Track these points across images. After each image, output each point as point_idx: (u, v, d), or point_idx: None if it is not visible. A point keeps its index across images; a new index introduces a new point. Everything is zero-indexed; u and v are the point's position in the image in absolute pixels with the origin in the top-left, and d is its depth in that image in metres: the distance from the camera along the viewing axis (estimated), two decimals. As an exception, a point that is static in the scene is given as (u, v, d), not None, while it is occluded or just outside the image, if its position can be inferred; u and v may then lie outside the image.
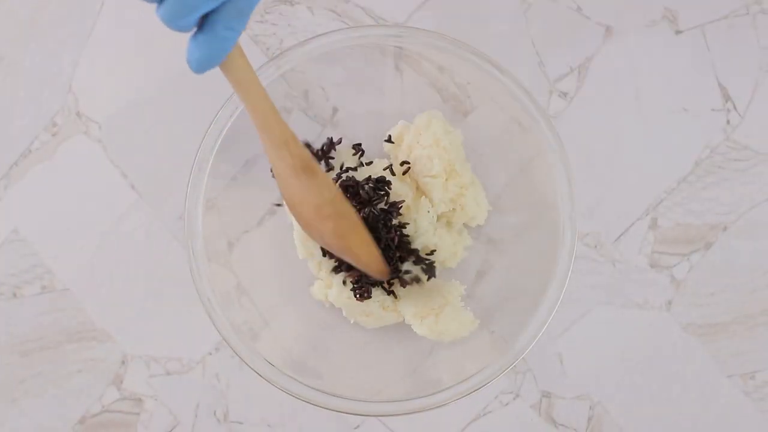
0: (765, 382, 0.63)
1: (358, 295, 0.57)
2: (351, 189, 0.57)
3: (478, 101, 0.60)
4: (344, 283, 0.57)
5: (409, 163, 0.58)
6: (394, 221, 0.57)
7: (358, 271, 0.55)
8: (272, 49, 0.63)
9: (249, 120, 0.56)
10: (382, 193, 0.57)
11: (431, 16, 0.63)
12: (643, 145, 0.63)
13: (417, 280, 0.58)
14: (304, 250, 0.58)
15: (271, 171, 0.58)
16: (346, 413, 0.55)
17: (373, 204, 0.57)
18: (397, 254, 0.57)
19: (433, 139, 0.57)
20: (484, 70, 0.56)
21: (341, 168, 0.59)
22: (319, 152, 0.59)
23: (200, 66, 0.41)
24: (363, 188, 0.57)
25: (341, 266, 0.57)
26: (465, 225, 0.60)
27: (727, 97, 0.63)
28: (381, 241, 0.56)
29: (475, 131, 0.60)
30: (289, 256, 0.59)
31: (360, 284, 0.57)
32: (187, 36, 0.41)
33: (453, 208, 0.58)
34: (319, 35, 0.56)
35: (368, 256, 0.54)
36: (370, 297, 0.57)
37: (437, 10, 0.63)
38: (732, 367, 0.63)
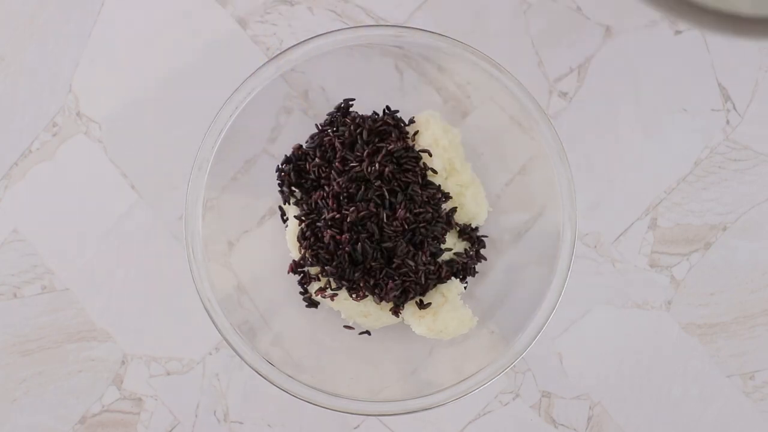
0: (764, 382, 0.63)
1: (354, 295, 0.57)
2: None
3: (478, 101, 0.60)
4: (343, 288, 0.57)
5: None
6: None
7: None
8: (272, 49, 0.63)
9: (249, 120, 0.57)
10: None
11: (431, 16, 0.63)
12: (643, 145, 0.63)
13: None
14: (297, 251, 0.58)
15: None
16: (346, 413, 0.55)
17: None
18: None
19: (432, 139, 0.57)
20: (484, 70, 0.56)
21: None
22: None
23: None
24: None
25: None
26: (465, 225, 0.59)
27: (726, 97, 0.63)
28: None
29: (475, 131, 0.60)
30: (289, 256, 0.59)
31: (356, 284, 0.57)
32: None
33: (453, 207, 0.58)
34: (319, 35, 0.56)
35: None
36: (367, 296, 0.57)
37: (437, 10, 0.63)
38: (732, 367, 0.63)
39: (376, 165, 0.56)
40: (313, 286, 0.58)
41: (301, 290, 0.59)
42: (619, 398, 0.62)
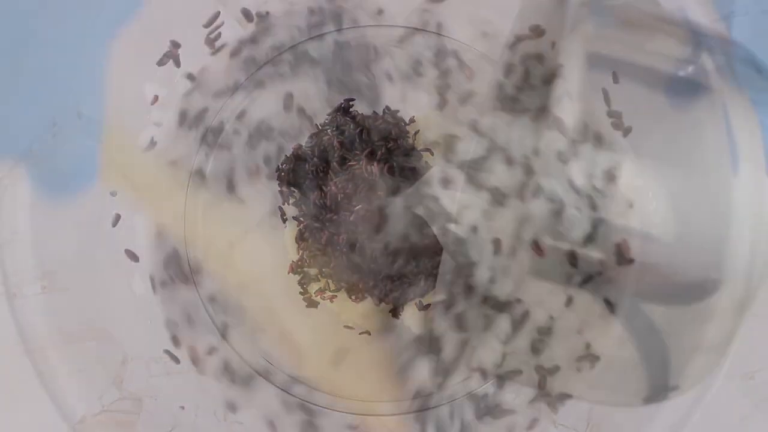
0: (764, 382, 0.63)
1: (353, 297, 0.57)
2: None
3: (477, 101, 0.60)
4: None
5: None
6: None
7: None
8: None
9: (249, 120, 0.57)
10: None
11: (431, 16, 0.63)
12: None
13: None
14: (295, 251, 0.58)
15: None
16: (346, 413, 0.56)
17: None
18: None
19: (432, 138, 0.57)
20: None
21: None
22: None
23: None
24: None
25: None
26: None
27: (727, 97, 0.63)
28: None
29: (474, 131, 0.60)
30: (289, 255, 0.59)
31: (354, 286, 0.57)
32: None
33: (452, 208, 0.58)
34: (319, 35, 0.56)
35: None
36: (366, 297, 0.57)
37: (437, 10, 0.63)
38: (731, 367, 0.63)
39: (376, 165, 0.56)
40: (313, 287, 0.58)
41: (301, 290, 0.59)
42: (619, 398, 0.62)
